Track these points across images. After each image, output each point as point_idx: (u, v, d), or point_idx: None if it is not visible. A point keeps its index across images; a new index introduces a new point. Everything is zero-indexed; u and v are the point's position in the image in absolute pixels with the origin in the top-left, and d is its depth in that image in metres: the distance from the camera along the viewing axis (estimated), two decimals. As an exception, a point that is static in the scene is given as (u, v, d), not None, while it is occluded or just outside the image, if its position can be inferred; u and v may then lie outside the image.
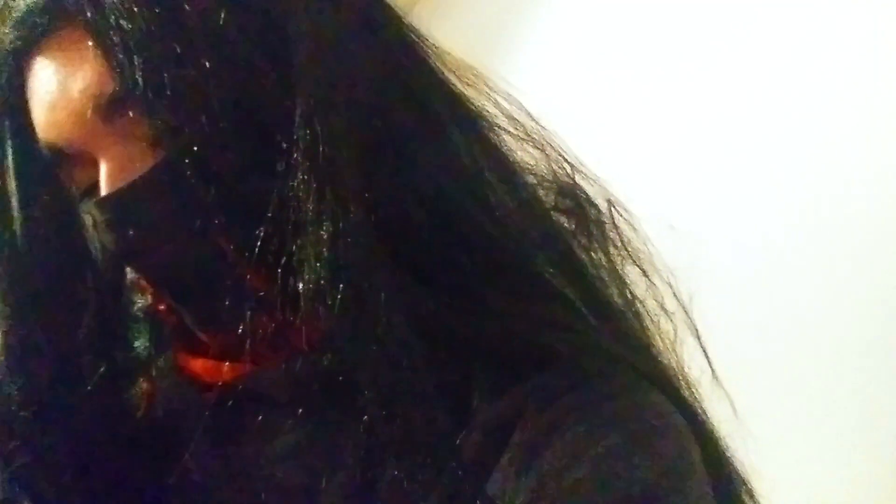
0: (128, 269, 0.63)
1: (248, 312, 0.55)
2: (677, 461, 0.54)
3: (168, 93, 0.52)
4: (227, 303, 0.55)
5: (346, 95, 0.55)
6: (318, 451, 0.56)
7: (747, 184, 1.19)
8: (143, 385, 0.63)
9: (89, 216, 0.58)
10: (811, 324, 1.08)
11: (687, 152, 1.25)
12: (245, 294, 0.55)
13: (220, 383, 0.59)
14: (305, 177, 0.53)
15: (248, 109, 0.54)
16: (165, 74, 0.52)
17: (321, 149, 0.53)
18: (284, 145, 0.53)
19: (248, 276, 0.55)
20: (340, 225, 0.52)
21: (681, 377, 0.64)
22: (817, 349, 1.07)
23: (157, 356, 0.64)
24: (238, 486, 0.59)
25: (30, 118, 0.58)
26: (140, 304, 0.65)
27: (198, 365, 0.61)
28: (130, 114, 0.54)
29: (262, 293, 0.54)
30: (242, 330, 0.55)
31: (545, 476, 0.53)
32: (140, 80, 0.52)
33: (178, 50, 0.53)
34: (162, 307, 0.62)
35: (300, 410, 0.56)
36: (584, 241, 0.64)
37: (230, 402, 0.58)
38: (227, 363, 0.59)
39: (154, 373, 0.64)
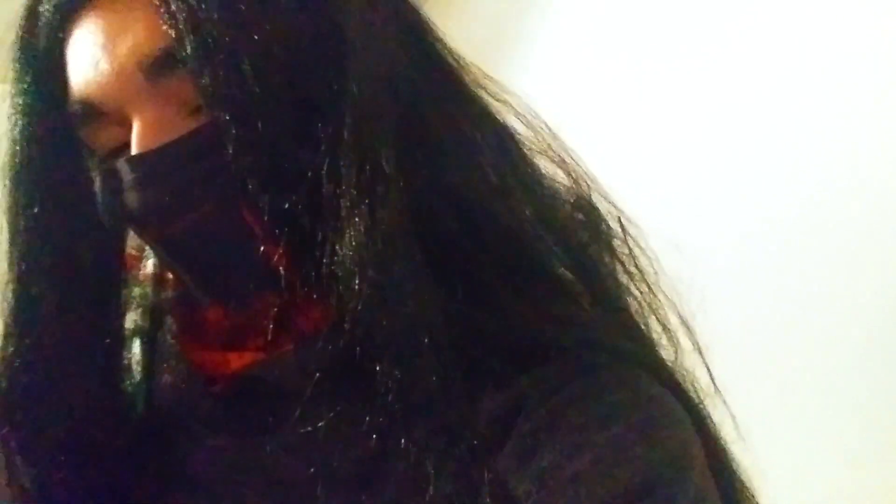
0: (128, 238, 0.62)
1: (264, 289, 0.55)
2: (679, 452, 0.55)
3: (223, 54, 0.53)
4: (242, 277, 0.55)
5: (391, 89, 0.57)
6: (326, 441, 0.56)
7: (753, 200, 1.18)
8: (140, 352, 0.63)
9: (108, 178, 0.58)
10: (815, 338, 1.08)
11: (692, 167, 1.24)
12: (264, 270, 0.55)
13: (227, 374, 0.59)
14: (349, 152, 0.54)
15: (299, 80, 0.55)
16: (226, 37, 0.53)
17: (368, 126, 0.54)
18: (330, 120, 0.54)
19: (270, 253, 0.55)
20: (379, 203, 0.53)
21: (685, 375, 0.64)
22: (821, 363, 1.07)
23: (154, 323, 0.64)
24: (244, 478, 0.59)
25: (62, 75, 0.58)
26: (141, 272, 0.65)
27: (205, 358, 0.61)
28: (177, 75, 0.55)
29: (281, 270, 0.55)
30: (254, 307, 0.55)
31: (547, 466, 0.53)
32: (198, 40, 0.53)
33: (242, 10, 0.54)
34: (162, 275, 0.63)
35: (308, 399, 0.55)
36: (594, 251, 0.65)
37: (237, 394, 0.59)
38: (233, 354, 0.59)
39: (155, 347, 0.63)
